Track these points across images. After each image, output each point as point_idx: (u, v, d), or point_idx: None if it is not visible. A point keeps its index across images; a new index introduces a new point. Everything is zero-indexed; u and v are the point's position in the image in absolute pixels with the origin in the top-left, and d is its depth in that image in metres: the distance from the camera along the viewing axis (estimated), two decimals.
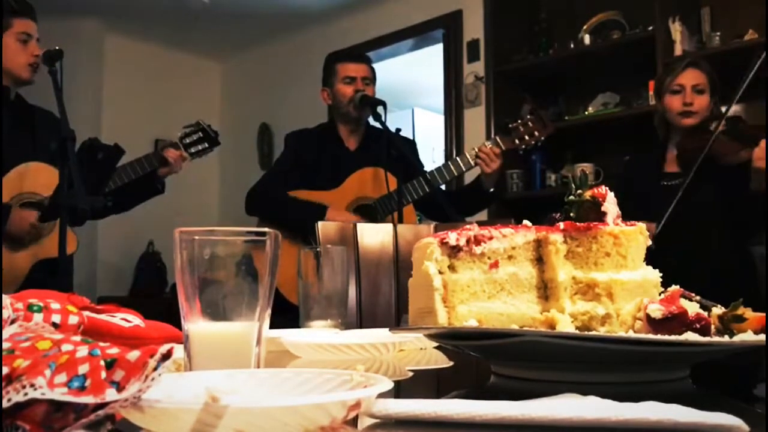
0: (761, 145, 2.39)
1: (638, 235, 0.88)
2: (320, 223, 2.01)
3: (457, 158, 2.85)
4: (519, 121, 2.86)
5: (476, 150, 2.79)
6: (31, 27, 2.53)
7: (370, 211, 2.76)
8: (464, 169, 2.82)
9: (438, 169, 2.82)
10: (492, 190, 2.85)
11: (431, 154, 6.57)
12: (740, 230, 2.62)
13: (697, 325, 0.75)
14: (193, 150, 2.86)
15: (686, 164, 2.61)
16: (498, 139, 2.84)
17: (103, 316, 0.78)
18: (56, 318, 0.70)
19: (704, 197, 2.57)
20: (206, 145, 2.89)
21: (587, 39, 3.89)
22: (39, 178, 2.49)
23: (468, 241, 0.84)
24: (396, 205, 2.65)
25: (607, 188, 0.91)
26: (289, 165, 2.93)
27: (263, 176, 3.06)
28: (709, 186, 2.57)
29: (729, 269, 2.55)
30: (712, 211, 2.58)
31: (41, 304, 0.70)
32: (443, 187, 2.99)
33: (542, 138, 2.85)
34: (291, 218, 2.75)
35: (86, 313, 0.75)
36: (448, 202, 2.71)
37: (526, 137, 2.83)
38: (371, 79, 2.95)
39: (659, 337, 0.72)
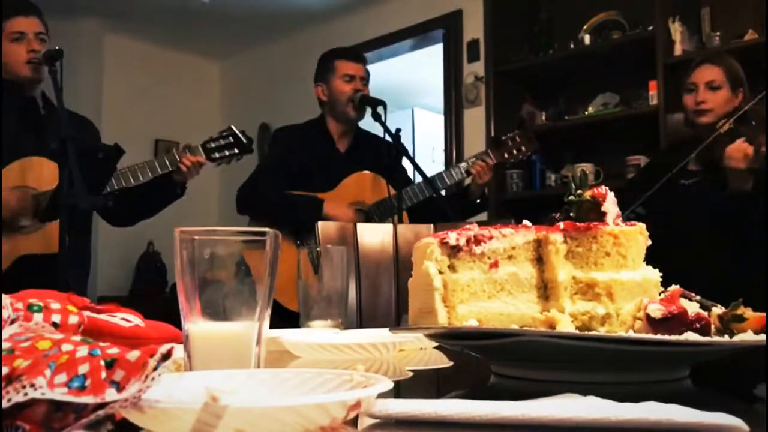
0: (735, 144, 2.37)
1: (638, 235, 0.88)
2: (320, 223, 2.00)
3: (451, 169, 2.92)
4: (509, 135, 2.97)
5: (470, 162, 2.86)
6: (24, 24, 2.52)
7: (366, 217, 2.75)
8: (456, 180, 2.91)
9: (433, 178, 2.83)
10: (478, 201, 2.92)
11: (431, 154, 6.57)
12: (733, 232, 2.61)
13: (697, 325, 0.76)
14: (217, 155, 2.80)
15: (704, 164, 2.60)
16: (490, 153, 2.92)
17: (103, 316, 0.78)
18: (56, 318, 0.70)
19: (713, 197, 2.56)
20: (236, 151, 2.83)
21: (587, 39, 3.89)
22: (42, 172, 2.49)
23: (468, 241, 0.84)
24: (393, 210, 2.65)
25: (607, 188, 0.91)
26: (280, 164, 2.88)
27: (253, 174, 2.98)
28: (718, 186, 2.55)
29: (726, 271, 2.54)
30: (718, 212, 2.57)
31: (41, 304, 0.70)
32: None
33: (528, 154, 2.99)
34: (286, 214, 2.73)
35: (86, 313, 0.75)
36: (447, 204, 2.72)
37: (514, 152, 2.94)
38: (367, 79, 2.95)
39: (659, 337, 0.72)
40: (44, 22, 2.61)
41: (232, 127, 2.85)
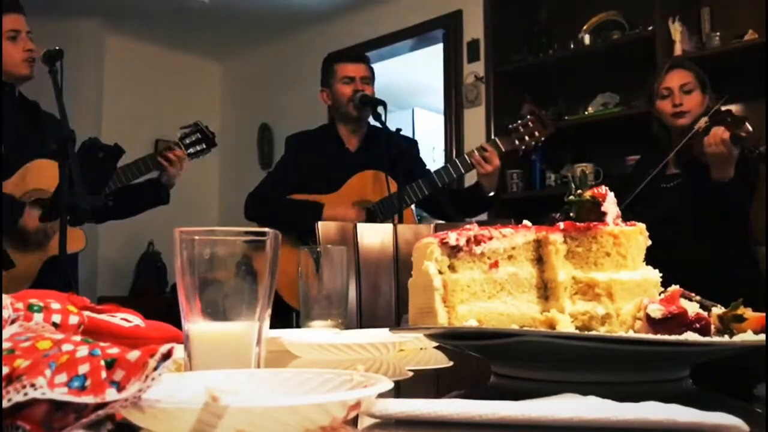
0: (712, 132, 2.41)
1: (638, 235, 0.88)
2: (320, 223, 2.00)
3: (457, 160, 2.85)
4: (519, 122, 2.85)
5: (473, 151, 2.79)
6: (18, 22, 2.51)
7: (369, 215, 2.75)
8: (463, 171, 2.82)
9: (438, 171, 2.82)
10: (492, 194, 2.83)
11: (431, 154, 6.57)
12: (718, 227, 2.61)
13: (697, 325, 0.76)
14: (191, 150, 2.86)
15: (684, 163, 2.62)
16: (497, 141, 2.83)
17: (103, 316, 0.78)
18: (56, 318, 0.70)
19: (696, 195, 2.58)
20: (204, 146, 2.89)
21: (587, 39, 3.89)
22: (43, 174, 2.49)
23: (468, 241, 0.84)
24: (396, 207, 2.64)
25: (607, 188, 0.91)
26: (289, 168, 2.92)
27: (263, 180, 3.05)
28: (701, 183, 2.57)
29: (721, 267, 2.54)
30: (702, 210, 2.58)
31: (41, 304, 0.70)
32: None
33: (542, 138, 2.85)
34: (289, 219, 2.74)
35: (86, 313, 0.75)
36: (448, 203, 2.71)
37: (527, 138, 2.83)
38: (370, 78, 2.95)
39: (659, 337, 0.72)
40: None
41: (198, 122, 2.91)
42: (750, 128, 2.39)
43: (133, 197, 2.78)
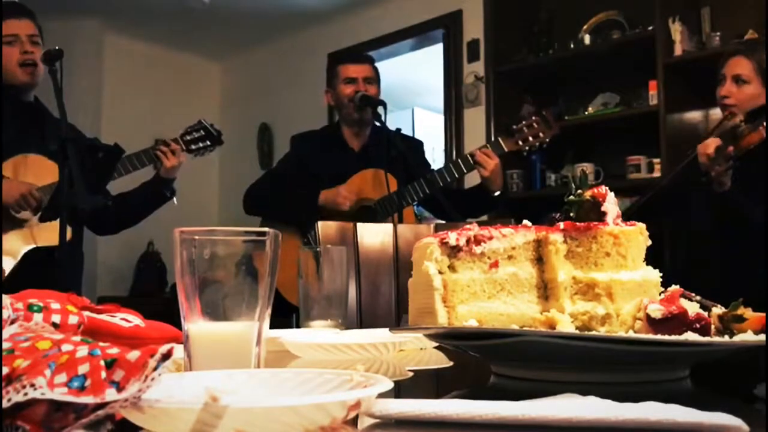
0: (705, 142, 2.32)
1: (638, 235, 0.88)
2: (320, 223, 2.00)
3: (458, 160, 2.84)
4: (523, 122, 2.81)
5: (474, 152, 2.77)
6: (16, 27, 2.51)
7: (371, 213, 2.75)
8: (465, 171, 2.80)
9: (439, 171, 2.81)
10: (498, 193, 2.79)
11: (431, 154, 6.57)
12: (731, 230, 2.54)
13: (697, 325, 0.76)
14: (193, 147, 2.85)
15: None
16: (500, 141, 2.80)
17: (103, 316, 0.78)
18: (56, 318, 0.70)
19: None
20: (208, 143, 2.88)
21: (587, 39, 3.89)
22: (37, 170, 2.48)
23: (468, 241, 0.84)
24: (396, 206, 2.64)
25: (607, 188, 0.91)
26: (292, 167, 2.93)
27: (262, 175, 3.07)
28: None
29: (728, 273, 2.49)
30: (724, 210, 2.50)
31: (41, 304, 0.70)
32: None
33: (547, 139, 2.79)
34: (285, 209, 2.75)
35: (86, 313, 0.75)
36: (448, 203, 2.70)
37: (530, 138, 2.78)
38: (374, 78, 2.94)
39: (659, 337, 0.72)
40: (38, 25, 2.58)
41: (202, 120, 2.91)
42: (751, 142, 2.30)
43: (132, 201, 2.76)
